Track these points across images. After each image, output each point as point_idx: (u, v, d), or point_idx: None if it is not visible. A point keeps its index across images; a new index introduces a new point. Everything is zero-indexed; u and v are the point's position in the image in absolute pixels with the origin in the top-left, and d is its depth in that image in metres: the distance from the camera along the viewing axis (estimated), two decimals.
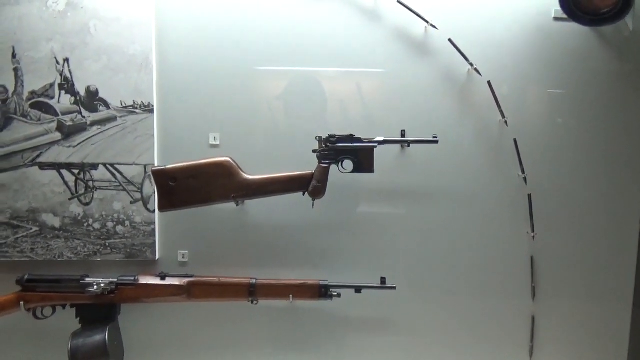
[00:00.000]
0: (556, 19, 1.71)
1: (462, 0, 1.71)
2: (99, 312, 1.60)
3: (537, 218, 1.75)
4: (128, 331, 1.70)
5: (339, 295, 1.62)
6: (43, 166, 1.66)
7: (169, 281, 1.61)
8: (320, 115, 1.74)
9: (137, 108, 1.67)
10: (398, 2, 1.67)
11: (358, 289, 1.63)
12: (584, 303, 1.81)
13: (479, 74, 1.70)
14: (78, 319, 1.60)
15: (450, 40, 1.67)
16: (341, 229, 1.76)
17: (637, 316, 1.81)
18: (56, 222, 1.68)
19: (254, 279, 1.62)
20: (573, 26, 1.67)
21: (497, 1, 1.72)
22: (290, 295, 1.62)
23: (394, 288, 1.62)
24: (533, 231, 1.75)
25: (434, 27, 1.68)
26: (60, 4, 1.63)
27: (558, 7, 1.63)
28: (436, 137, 1.62)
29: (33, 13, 1.62)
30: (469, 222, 1.77)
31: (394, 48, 1.72)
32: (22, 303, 1.57)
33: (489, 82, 1.69)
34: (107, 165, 1.68)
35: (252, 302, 1.62)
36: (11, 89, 1.63)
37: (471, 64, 1.69)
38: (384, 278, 1.62)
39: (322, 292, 1.61)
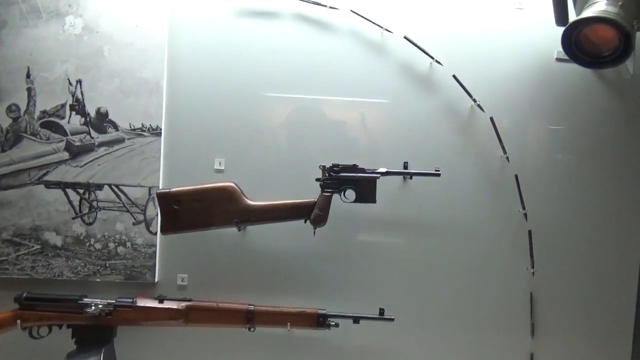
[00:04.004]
0: (558, 59, 1.76)
1: (467, 38, 1.76)
2: (95, 333, 1.59)
3: (537, 254, 1.75)
4: (123, 354, 1.68)
5: (337, 325, 1.61)
6: (49, 184, 1.68)
7: (166, 304, 1.60)
8: (325, 144, 1.76)
9: (145, 131, 1.70)
10: (405, 37, 1.72)
11: (356, 320, 1.62)
12: (583, 341, 1.80)
13: (482, 109, 1.73)
14: (74, 339, 1.59)
15: (454, 76, 1.71)
16: (342, 258, 1.76)
17: (638, 356, 1.79)
18: (58, 240, 1.68)
19: (252, 305, 1.61)
20: (575, 67, 1.70)
21: (501, 40, 1.76)
22: (288, 324, 1.60)
23: (393, 320, 1.61)
24: (533, 267, 1.75)
25: (439, 63, 1.72)
26: (77, 27, 1.67)
27: (560, 49, 1.67)
28: (438, 171, 1.64)
29: (50, 35, 1.66)
30: (469, 257, 1.77)
31: (400, 81, 1.76)
32: (19, 321, 1.55)
33: (491, 118, 1.73)
34: (112, 186, 1.70)
35: (249, 329, 1.61)
36: (23, 107, 1.67)
37: (474, 100, 1.72)
38: (383, 309, 1.61)
39: (320, 321, 1.60)
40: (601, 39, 1.52)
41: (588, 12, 1.47)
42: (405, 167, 1.71)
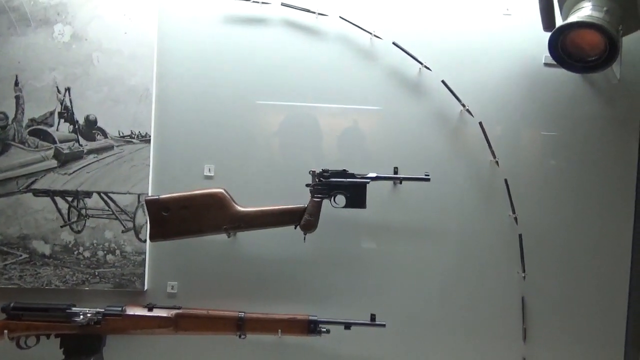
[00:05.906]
0: (546, 64, 1.77)
1: (456, 43, 1.77)
2: (84, 343, 1.57)
3: (527, 258, 1.75)
4: None
5: (328, 332, 1.61)
6: (37, 193, 1.67)
7: (156, 312, 1.59)
8: (316, 150, 1.76)
9: (134, 138, 1.69)
10: (393, 43, 1.72)
11: (347, 326, 1.61)
12: (575, 345, 1.79)
13: (471, 114, 1.74)
14: (62, 349, 1.57)
15: (443, 81, 1.72)
16: (332, 263, 1.75)
17: (629, 359, 1.79)
18: (46, 249, 1.67)
19: (242, 312, 1.60)
20: (563, 72, 1.71)
21: (489, 46, 1.77)
22: (279, 330, 1.60)
23: (384, 325, 1.60)
24: (524, 271, 1.75)
25: (427, 68, 1.73)
26: (66, 35, 1.67)
27: (548, 54, 1.69)
28: (428, 175, 1.65)
29: (39, 43, 1.66)
30: (460, 261, 1.77)
31: (389, 87, 1.76)
32: (6, 331, 1.54)
33: (480, 123, 1.73)
34: (101, 194, 1.69)
35: (239, 336, 1.60)
36: (11, 115, 1.66)
37: (463, 105, 1.73)
38: (374, 315, 1.60)
39: (311, 327, 1.60)
40: (587, 44, 1.54)
41: (574, 18, 1.49)
42: (395, 172, 1.72)
